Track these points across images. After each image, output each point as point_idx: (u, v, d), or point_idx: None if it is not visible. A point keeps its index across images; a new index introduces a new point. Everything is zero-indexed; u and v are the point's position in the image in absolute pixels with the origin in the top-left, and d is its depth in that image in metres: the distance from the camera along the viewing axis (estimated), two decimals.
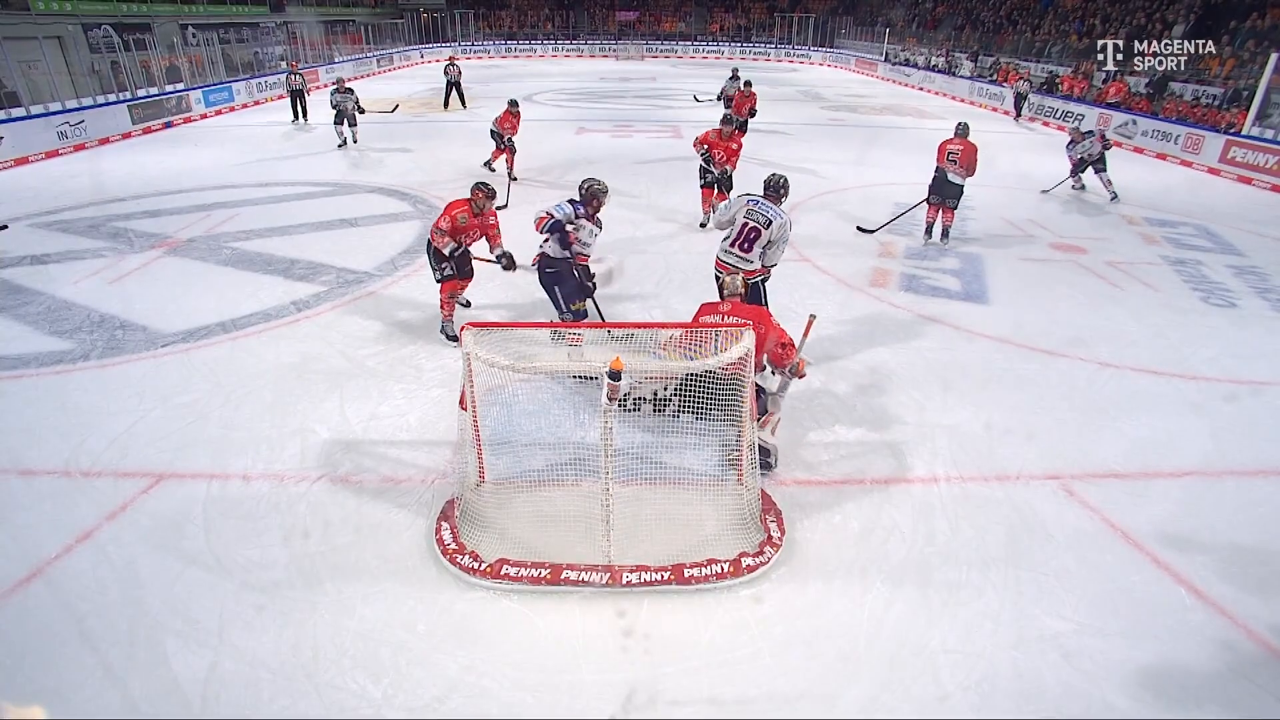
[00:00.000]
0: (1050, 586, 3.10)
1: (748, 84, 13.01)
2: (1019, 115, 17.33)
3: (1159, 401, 4.67)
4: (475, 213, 5.01)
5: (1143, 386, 4.86)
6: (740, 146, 7.99)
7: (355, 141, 12.42)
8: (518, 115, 10.07)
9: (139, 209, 8.68)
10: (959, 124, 7.61)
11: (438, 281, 5.17)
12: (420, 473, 3.82)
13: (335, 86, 12.25)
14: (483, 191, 4.99)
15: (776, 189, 4.78)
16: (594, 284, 4.96)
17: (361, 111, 12.25)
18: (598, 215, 4.97)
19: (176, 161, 11.41)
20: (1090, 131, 9.99)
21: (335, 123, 12.14)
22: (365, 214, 8.49)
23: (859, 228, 8.15)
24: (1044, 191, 10.18)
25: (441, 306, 5.25)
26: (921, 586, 3.10)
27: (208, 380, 4.71)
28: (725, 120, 7.94)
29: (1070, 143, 9.81)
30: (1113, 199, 9.67)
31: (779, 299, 5.31)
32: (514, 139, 9.98)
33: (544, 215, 4.68)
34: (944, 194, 7.44)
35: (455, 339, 5.12)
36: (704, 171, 7.95)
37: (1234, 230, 8.61)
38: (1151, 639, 2.86)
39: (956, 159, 7.26)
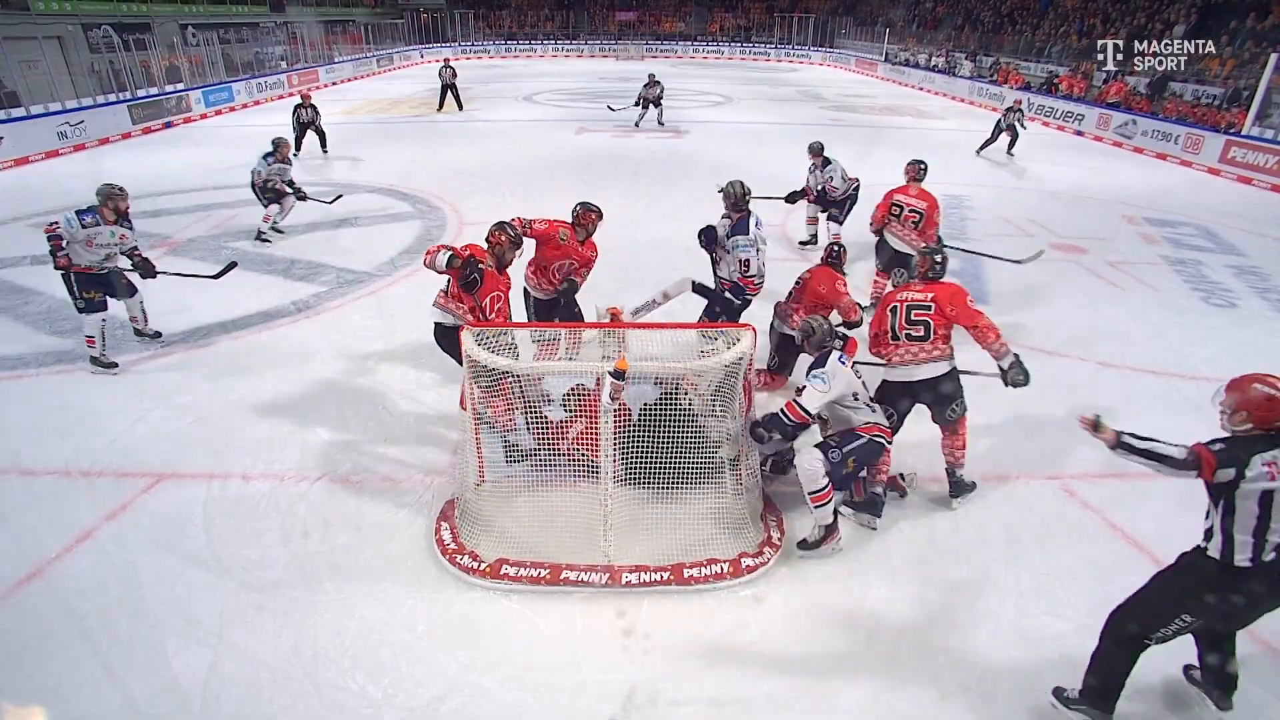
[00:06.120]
0: (1050, 586, 3.10)
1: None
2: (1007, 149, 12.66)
3: (1159, 401, 4.67)
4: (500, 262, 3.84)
5: (1143, 386, 4.86)
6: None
7: None
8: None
9: (139, 209, 8.59)
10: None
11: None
12: (420, 473, 3.82)
13: None
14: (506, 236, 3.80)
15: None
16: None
17: None
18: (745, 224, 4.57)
19: (177, 161, 11.41)
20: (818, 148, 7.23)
21: None
22: (365, 214, 8.48)
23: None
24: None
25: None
26: (921, 586, 3.10)
27: (208, 380, 4.71)
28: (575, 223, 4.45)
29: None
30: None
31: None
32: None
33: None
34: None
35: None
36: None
37: (1234, 230, 8.61)
38: None
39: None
